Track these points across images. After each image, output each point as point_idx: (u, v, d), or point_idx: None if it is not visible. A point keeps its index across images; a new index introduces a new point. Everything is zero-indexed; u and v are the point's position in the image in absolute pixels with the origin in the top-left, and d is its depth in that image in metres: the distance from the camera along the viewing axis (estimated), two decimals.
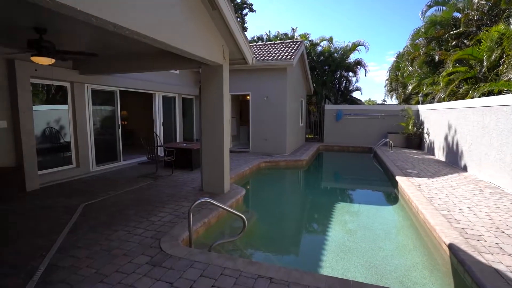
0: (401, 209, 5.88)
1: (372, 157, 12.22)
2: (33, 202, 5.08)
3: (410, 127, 12.88)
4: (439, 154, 10.32)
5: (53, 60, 4.35)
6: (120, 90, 8.11)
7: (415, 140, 12.89)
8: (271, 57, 10.74)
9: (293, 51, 11.07)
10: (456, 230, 3.93)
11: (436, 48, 12.74)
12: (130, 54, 6.01)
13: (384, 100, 35.91)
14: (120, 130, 8.19)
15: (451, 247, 3.43)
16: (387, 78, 25.84)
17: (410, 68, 15.04)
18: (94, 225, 4.05)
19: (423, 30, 13.29)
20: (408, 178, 7.05)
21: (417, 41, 14.24)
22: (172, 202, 5.11)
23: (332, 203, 6.50)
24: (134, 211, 4.62)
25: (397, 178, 7.13)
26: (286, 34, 19.89)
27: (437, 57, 11.98)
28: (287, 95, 10.85)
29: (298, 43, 11.96)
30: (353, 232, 4.81)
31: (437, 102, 11.88)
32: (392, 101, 25.81)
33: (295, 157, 10.20)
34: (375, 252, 4.05)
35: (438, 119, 10.57)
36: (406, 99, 17.97)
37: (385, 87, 26.95)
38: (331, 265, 3.70)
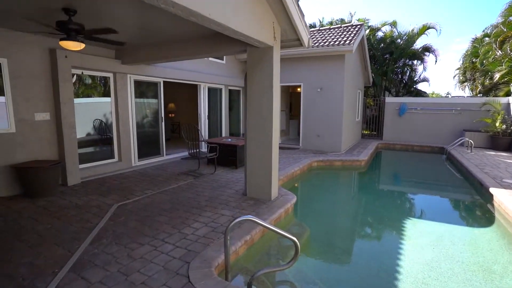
0: (503, 235, 4.41)
1: (445, 159, 10.30)
2: (69, 198, 4.81)
3: (497, 124, 10.57)
4: None
5: (82, 45, 3.88)
6: (164, 81, 7.71)
7: (504, 140, 10.55)
8: (326, 43, 9.50)
9: (352, 35, 9.66)
10: None
11: None
12: (171, 40, 5.44)
13: (448, 93, 31.33)
14: (163, 123, 7.82)
15: None
16: (458, 67, 22.49)
17: (499, 52, 12.39)
18: (121, 233, 3.51)
19: None
20: (510, 192, 5.42)
21: (511, 18, 11.58)
22: (210, 208, 4.41)
23: (401, 219, 5.22)
24: (167, 218, 4.01)
25: (492, 190, 5.53)
26: (342, 20, 18.14)
27: None
28: (344, 86, 9.54)
29: (358, 26, 10.47)
30: (435, 265, 3.58)
31: None
32: (465, 93, 22.41)
33: (352, 157, 8.92)
34: None
35: None
36: (488, 91, 15.05)
37: (454, 77, 23.58)
38: None
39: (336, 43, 9.24)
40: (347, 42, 9.12)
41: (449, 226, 5.03)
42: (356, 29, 10.22)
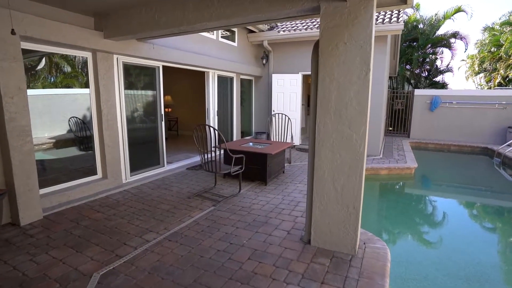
0: None
1: (499, 163, 8.66)
2: (14, 258, 2.82)
3: None
4: None
5: None
6: (163, 66, 5.69)
7: None
8: None
9: (396, 12, 7.80)
10: None
11: None
12: None
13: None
14: (163, 123, 5.83)
15: None
16: (464, 59, 21.12)
17: None
18: None
19: None
20: None
21: None
22: (264, 279, 2.51)
23: None
24: None
25: None
26: None
27: None
28: (385, 75, 7.73)
29: None
30: None
31: None
32: (477, 86, 21.12)
33: (399, 163, 7.13)
34: None
35: None
36: None
37: (459, 68, 22.60)
38: None
39: (379, 21, 7.35)
40: (394, 19, 7.25)
41: None
42: None
